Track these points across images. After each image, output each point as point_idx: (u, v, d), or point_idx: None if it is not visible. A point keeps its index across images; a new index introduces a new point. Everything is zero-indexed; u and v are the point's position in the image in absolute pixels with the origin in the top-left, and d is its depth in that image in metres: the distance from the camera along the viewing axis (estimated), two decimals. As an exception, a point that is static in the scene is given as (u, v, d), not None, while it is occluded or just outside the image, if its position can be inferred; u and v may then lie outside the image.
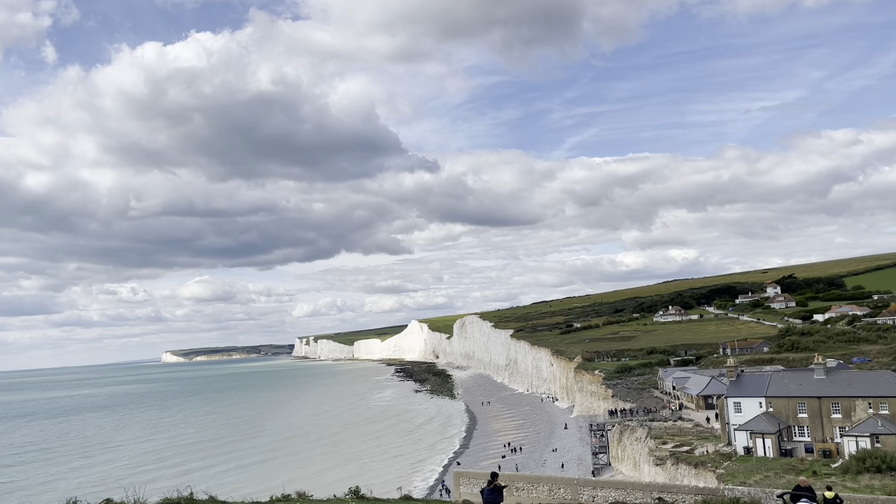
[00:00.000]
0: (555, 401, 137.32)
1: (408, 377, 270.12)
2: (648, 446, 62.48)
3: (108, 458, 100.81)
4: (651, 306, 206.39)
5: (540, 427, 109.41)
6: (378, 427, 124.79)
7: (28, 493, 72.17)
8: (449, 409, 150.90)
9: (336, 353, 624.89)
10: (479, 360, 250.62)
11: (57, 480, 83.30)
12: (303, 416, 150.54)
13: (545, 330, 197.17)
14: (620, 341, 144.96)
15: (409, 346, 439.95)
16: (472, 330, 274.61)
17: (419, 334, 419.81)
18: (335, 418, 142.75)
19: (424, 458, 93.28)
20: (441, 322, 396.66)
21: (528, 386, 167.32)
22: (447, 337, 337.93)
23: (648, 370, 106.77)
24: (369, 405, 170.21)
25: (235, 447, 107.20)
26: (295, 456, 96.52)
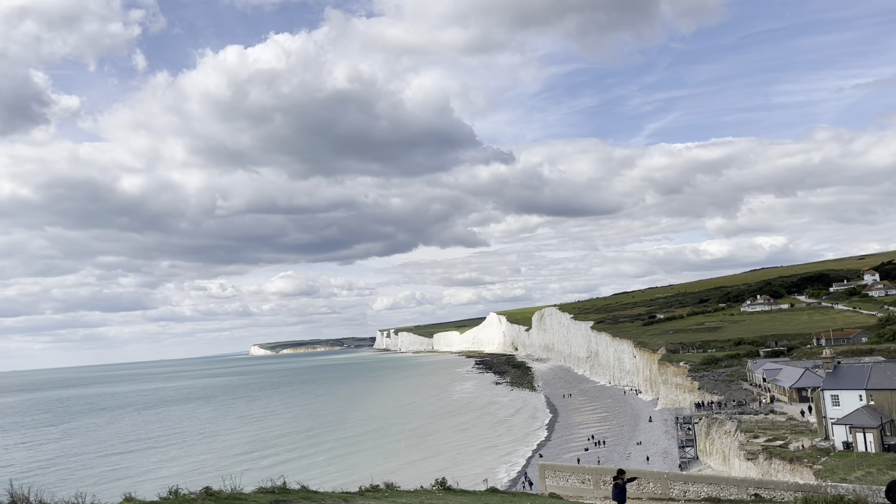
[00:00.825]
0: (638, 393, 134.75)
1: (487, 369, 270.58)
2: (739, 440, 60.54)
3: (204, 448, 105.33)
4: (738, 296, 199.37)
5: (623, 420, 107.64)
6: (461, 419, 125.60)
7: (133, 480, 76.08)
8: (530, 401, 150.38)
9: (416, 346, 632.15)
10: (559, 352, 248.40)
11: (158, 468, 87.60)
12: (386, 408, 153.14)
13: (627, 321, 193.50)
14: (706, 332, 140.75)
15: (488, 338, 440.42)
16: (551, 322, 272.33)
17: (497, 326, 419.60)
18: (418, 410, 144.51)
19: (507, 450, 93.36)
20: (519, 314, 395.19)
21: (610, 378, 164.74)
22: (526, 329, 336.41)
23: (736, 362, 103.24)
24: (451, 397, 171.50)
25: (322, 438, 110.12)
26: (380, 448, 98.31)
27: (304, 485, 23.89)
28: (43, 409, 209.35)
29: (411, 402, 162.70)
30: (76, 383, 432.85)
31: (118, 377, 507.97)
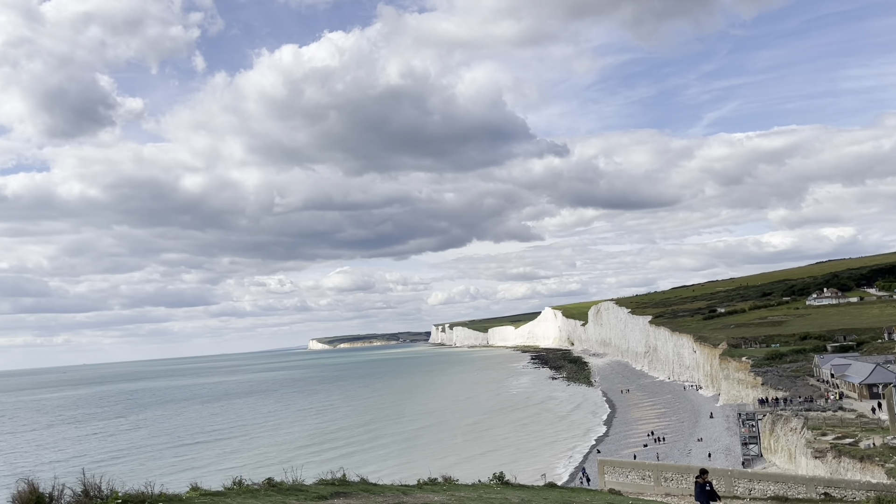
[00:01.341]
0: (698, 389, 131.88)
1: (543, 364, 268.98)
2: (805, 437, 58.61)
3: (266, 440, 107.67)
4: (803, 289, 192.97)
5: (683, 416, 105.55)
6: (518, 414, 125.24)
7: (199, 471, 78.22)
8: (587, 396, 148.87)
9: (471, 340, 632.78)
10: (616, 346, 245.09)
11: (222, 460, 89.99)
12: (443, 403, 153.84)
13: (686, 315, 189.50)
14: (769, 326, 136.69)
15: (543, 332, 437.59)
16: (608, 316, 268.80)
17: (553, 321, 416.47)
18: (475, 405, 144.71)
19: (565, 445, 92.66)
20: (575, 309, 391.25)
21: (670, 373, 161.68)
22: (582, 324, 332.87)
23: (802, 357, 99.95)
24: (507, 392, 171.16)
25: (380, 432, 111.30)
26: (437, 442, 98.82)
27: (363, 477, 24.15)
28: (113, 401, 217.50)
29: (467, 397, 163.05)
30: (143, 377, 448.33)
31: (182, 371, 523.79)
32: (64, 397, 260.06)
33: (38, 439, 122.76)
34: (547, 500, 23.30)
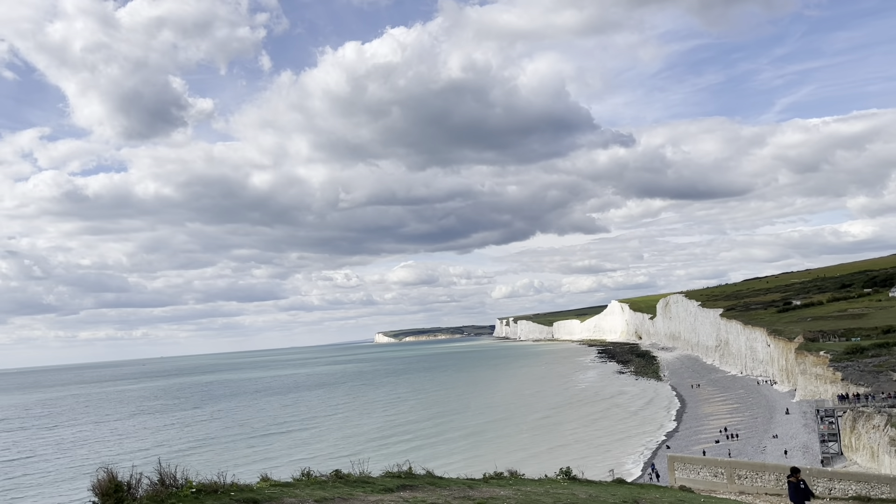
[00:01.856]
0: (773, 384, 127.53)
1: (610, 358, 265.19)
2: (889, 435, 55.95)
3: (334, 433, 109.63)
4: (886, 280, 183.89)
5: (757, 412, 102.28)
6: (585, 409, 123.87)
7: (269, 462, 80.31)
8: (656, 391, 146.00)
9: (536, 334, 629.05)
10: (686, 340, 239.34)
11: (291, 451, 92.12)
12: (508, 397, 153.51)
13: (759, 308, 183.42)
14: (849, 319, 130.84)
15: (610, 326, 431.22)
16: (677, 309, 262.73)
17: (620, 314, 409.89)
18: (541, 399, 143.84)
19: (633, 441, 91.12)
20: (643, 302, 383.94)
21: (742, 368, 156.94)
22: (650, 317, 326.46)
23: (885, 351, 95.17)
24: (573, 386, 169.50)
25: (445, 426, 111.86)
26: (503, 437, 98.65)
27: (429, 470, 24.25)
28: (189, 393, 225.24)
29: (533, 391, 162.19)
30: (217, 369, 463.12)
31: (254, 364, 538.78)
32: (144, 388, 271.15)
33: (120, 429, 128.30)
34: (615, 496, 22.90)
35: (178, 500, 15.06)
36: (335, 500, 16.58)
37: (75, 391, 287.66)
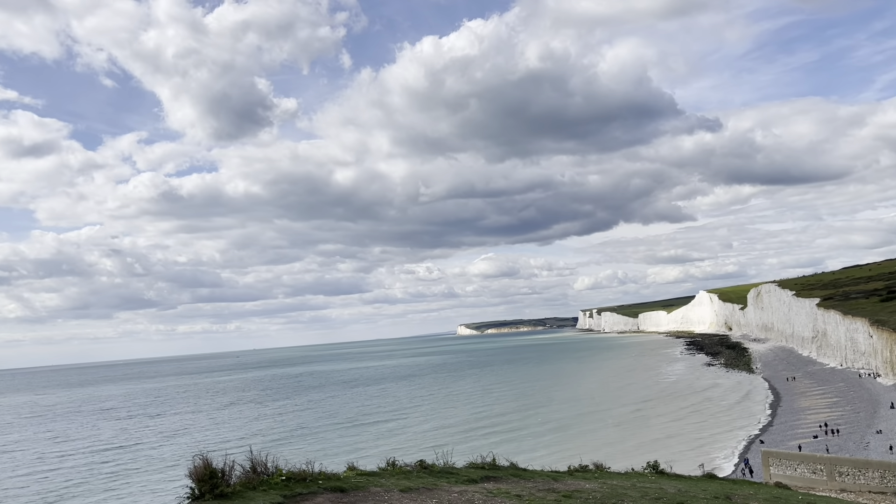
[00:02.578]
0: (876, 377, 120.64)
1: (699, 350, 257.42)
2: None
3: (418, 424, 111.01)
4: None
5: (859, 406, 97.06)
6: (674, 402, 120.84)
7: (356, 452, 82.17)
8: (748, 384, 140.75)
9: (620, 326, 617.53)
10: (780, 331, 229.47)
11: (377, 441, 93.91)
12: (593, 390, 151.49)
13: (860, 297, 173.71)
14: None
15: (698, 317, 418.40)
16: (770, 299, 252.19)
17: (708, 305, 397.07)
18: (627, 392, 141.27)
19: (724, 435, 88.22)
20: (732, 292, 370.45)
21: (842, 360, 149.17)
22: (740, 308, 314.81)
23: None
24: (661, 379, 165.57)
25: (528, 418, 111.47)
26: (587, 430, 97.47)
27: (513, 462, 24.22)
28: (279, 384, 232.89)
29: (619, 384, 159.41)
30: (306, 361, 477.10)
31: (341, 355, 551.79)
32: (238, 380, 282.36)
33: (217, 418, 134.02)
34: (706, 491, 22.23)
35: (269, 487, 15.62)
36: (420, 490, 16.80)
37: (175, 382, 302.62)
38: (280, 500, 13.70)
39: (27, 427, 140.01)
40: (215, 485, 14.06)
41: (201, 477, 14.24)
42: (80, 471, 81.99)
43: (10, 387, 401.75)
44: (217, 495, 13.65)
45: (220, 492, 13.67)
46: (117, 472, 78.84)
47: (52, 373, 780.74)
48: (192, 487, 14.30)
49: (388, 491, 15.63)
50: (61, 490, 70.89)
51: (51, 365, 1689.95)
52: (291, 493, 14.56)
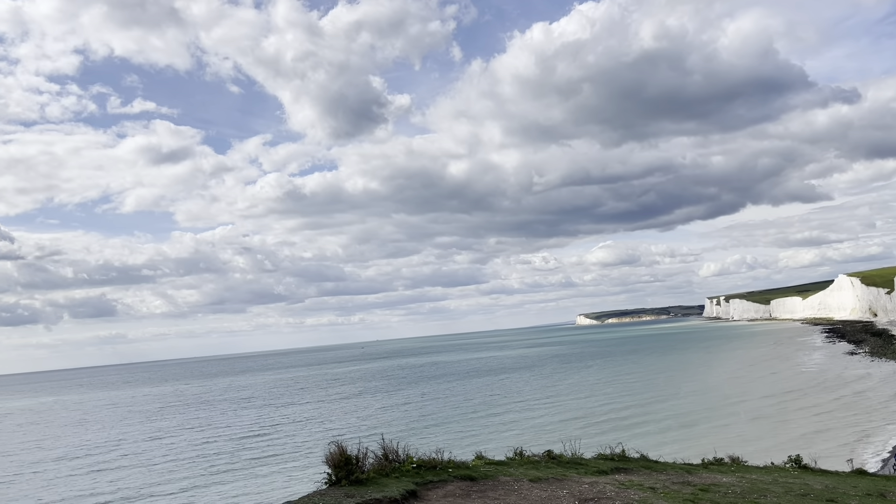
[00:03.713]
0: None
1: (839, 338, 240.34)
2: None
3: (541, 414, 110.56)
4: None
5: None
6: (815, 395, 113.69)
7: (481, 442, 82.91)
8: None
9: (750, 313, 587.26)
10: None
11: (501, 431, 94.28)
12: (723, 380, 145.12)
13: None
14: None
15: (837, 303, 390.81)
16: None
17: (849, 290, 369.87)
18: (762, 384, 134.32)
19: (872, 429, 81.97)
20: (877, 275, 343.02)
21: None
22: (887, 292, 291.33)
23: None
24: (800, 369, 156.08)
25: (654, 409, 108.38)
26: (719, 422, 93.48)
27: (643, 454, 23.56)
28: (403, 374, 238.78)
29: (753, 375, 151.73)
30: (427, 351, 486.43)
31: (460, 346, 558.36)
32: (364, 369, 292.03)
33: (347, 407, 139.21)
34: (856, 488, 20.72)
35: (401, 474, 16.05)
36: (549, 481, 16.68)
37: (306, 372, 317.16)
38: (412, 487, 14.01)
39: (174, 415, 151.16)
40: (350, 471, 14.60)
41: (337, 463, 14.84)
42: (221, 456, 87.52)
43: (159, 377, 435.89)
44: (352, 481, 14.17)
45: (355, 478, 14.18)
46: (257, 459, 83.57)
47: (194, 364, 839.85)
48: (328, 473, 14.92)
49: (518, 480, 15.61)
50: (208, 476, 75.92)
51: (193, 357, 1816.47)
52: (423, 480, 14.86)
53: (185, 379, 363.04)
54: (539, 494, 14.21)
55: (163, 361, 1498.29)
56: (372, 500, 12.52)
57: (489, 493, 13.98)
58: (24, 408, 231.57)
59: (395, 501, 12.75)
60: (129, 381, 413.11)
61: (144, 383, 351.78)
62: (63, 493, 71.55)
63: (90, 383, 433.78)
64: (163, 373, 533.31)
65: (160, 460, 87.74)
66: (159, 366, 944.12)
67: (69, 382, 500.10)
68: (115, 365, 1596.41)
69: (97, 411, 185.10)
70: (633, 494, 14.87)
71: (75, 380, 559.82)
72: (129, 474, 79.31)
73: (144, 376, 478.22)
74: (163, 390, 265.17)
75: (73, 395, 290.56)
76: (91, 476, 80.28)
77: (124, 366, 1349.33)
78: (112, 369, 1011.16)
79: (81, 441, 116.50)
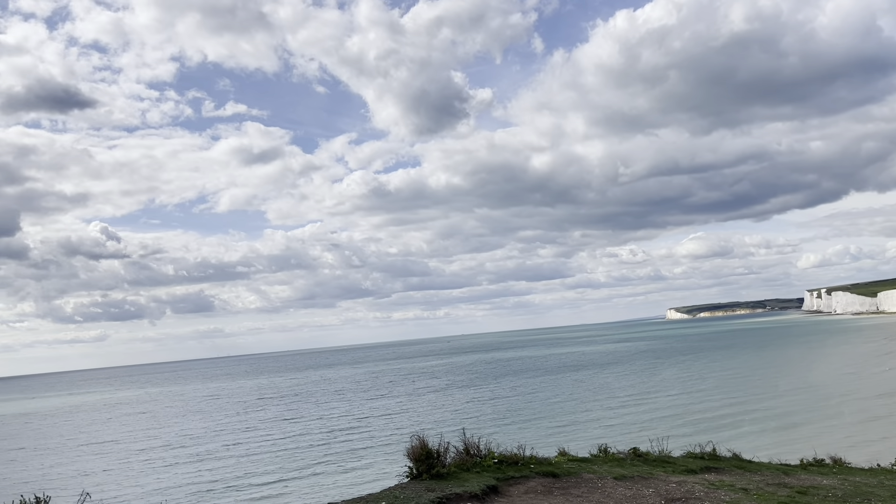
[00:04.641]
0: None
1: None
2: None
3: (627, 411, 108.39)
4: None
5: None
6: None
7: (564, 438, 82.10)
8: None
9: (855, 307, 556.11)
10: None
11: (585, 427, 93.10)
12: (825, 379, 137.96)
13: None
14: None
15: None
16: None
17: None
18: (870, 382, 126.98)
19: None
20: None
21: None
22: None
23: None
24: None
25: (748, 407, 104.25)
26: (820, 423, 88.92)
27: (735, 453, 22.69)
28: (489, 368, 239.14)
29: (860, 373, 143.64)
30: (512, 346, 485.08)
31: (546, 340, 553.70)
32: (450, 363, 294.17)
33: (432, 400, 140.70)
34: (976, 495, 19.21)
35: (482, 469, 16.01)
36: (635, 479, 16.25)
37: (394, 365, 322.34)
38: (493, 482, 13.95)
39: (270, 406, 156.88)
40: (431, 465, 14.69)
41: (418, 457, 14.96)
42: (314, 448, 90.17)
43: (255, 370, 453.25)
44: (433, 475, 14.24)
45: (436, 472, 14.26)
46: (345, 451, 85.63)
47: (287, 357, 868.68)
48: (410, 467, 15.08)
49: (602, 478, 15.29)
50: (301, 466, 78.36)
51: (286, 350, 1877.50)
52: (504, 475, 14.78)
53: (280, 372, 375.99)
54: (623, 492, 13.87)
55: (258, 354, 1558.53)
56: (452, 494, 12.54)
57: (572, 490, 13.76)
58: (134, 398, 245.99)
59: (475, 497, 12.71)
60: (227, 373, 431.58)
61: (242, 376, 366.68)
62: (166, 481, 75.57)
63: (192, 375, 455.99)
64: (258, 365, 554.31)
65: (256, 450, 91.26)
66: (255, 359, 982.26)
67: (173, 374, 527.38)
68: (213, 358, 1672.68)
69: (199, 402, 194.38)
70: (724, 495, 14.30)
71: (178, 372, 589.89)
72: (226, 463, 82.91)
73: (242, 369, 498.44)
74: (259, 382, 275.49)
75: (177, 387, 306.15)
76: (193, 465, 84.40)
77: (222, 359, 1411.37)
78: (211, 362, 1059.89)
79: (184, 430, 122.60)
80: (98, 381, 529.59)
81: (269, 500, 63.36)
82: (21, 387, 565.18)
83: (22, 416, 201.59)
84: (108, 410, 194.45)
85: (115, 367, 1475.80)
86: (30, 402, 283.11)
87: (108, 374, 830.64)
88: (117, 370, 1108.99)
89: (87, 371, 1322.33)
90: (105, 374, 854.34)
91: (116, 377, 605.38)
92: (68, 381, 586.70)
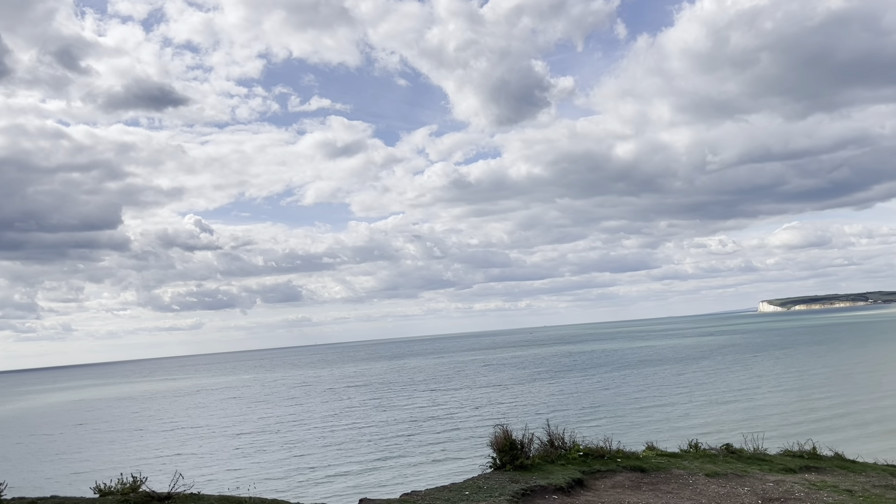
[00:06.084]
0: None
1: None
2: None
3: (716, 406, 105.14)
4: None
5: None
6: None
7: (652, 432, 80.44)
8: None
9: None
10: None
11: (674, 422, 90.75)
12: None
13: None
14: None
15: None
16: None
17: None
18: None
19: None
20: None
21: None
22: None
23: None
24: None
25: (851, 406, 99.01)
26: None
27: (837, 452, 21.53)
28: (573, 360, 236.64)
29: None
30: (596, 338, 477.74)
31: (631, 333, 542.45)
32: (533, 355, 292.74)
33: (516, 392, 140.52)
34: None
35: (567, 461, 15.75)
36: (728, 476, 15.59)
37: (477, 356, 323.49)
38: (578, 475, 13.68)
39: (357, 395, 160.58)
40: (515, 456, 14.57)
41: (502, 447, 14.88)
42: (399, 437, 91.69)
43: (342, 358, 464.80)
44: (517, 466, 14.11)
45: (519, 463, 14.12)
46: (429, 441, 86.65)
47: (372, 346, 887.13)
48: (493, 457, 15.02)
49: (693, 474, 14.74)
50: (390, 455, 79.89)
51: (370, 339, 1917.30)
52: (590, 469, 14.48)
53: (366, 360, 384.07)
54: (716, 490, 13.32)
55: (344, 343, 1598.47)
56: (536, 486, 12.35)
57: (661, 486, 13.32)
58: (227, 385, 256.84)
59: (560, 489, 12.49)
60: (315, 361, 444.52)
61: (329, 364, 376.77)
62: (255, 466, 78.55)
63: (282, 363, 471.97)
64: (345, 354, 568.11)
65: (343, 437, 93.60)
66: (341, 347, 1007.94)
67: (264, 361, 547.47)
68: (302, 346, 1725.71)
69: (290, 389, 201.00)
70: (826, 497, 13.52)
71: (269, 359, 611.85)
72: (314, 450, 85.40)
73: (329, 357, 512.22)
74: (345, 371, 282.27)
75: (269, 374, 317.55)
76: (284, 449, 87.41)
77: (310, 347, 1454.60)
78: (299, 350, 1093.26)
79: (275, 416, 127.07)
80: (194, 367, 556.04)
81: (355, 488, 64.81)
82: (125, 371, 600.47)
83: (123, 399, 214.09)
84: (203, 395, 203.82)
85: (209, 354, 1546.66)
86: (130, 387, 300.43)
87: (203, 360, 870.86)
88: (211, 356, 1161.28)
89: (183, 357, 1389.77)
90: (200, 360, 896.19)
91: (210, 364, 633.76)
92: (167, 367, 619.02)
